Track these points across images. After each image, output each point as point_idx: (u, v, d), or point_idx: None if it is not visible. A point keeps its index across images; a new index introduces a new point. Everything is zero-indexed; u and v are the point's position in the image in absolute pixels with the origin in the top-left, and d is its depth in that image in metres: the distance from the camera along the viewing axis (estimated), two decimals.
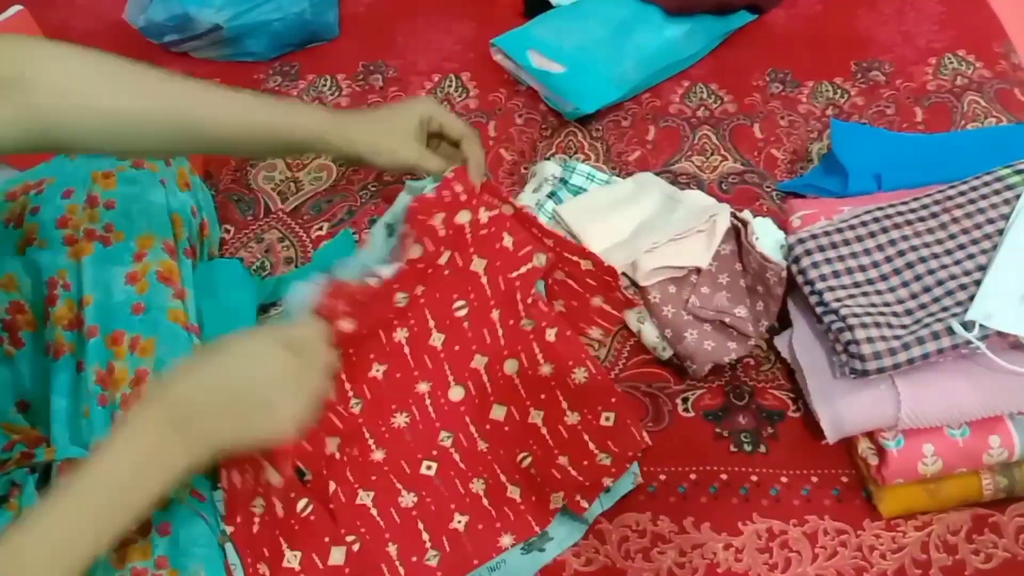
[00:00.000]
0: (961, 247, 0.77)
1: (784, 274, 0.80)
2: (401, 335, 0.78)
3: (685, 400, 0.84)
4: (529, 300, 0.77)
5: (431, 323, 0.78)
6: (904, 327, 0.72)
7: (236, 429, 0.59)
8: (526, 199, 0.96)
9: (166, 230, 0.84)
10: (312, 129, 0.73)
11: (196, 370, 0.59)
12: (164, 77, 0.69)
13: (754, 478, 0.79)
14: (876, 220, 0.80)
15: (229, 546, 0.69)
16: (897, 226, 0.80)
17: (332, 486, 0.72)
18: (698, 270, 0.85)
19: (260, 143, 0.73)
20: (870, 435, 0.74)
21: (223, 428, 0.58)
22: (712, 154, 1.08)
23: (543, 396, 0.75)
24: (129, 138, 0.67)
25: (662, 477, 0.79)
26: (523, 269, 0.78)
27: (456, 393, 0.77)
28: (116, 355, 0.72)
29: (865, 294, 0.76)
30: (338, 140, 0.73)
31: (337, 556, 0.69)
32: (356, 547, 0.70)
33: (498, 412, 0.76)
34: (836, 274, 0.77)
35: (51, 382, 0.72)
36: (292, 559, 0.68)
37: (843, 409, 0.74)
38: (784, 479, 0.79)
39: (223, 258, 0.98)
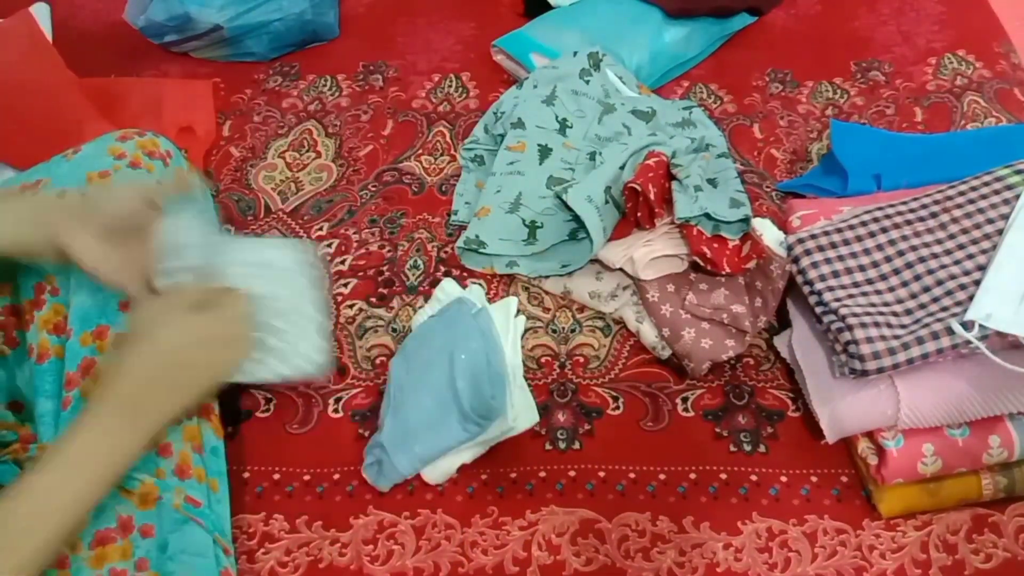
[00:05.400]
0: (960, 247, 0.77)
1: (788, 267, 0.80)
2: None
3: (685, 400, 0.84)
4: None
5: None
6: (903, 327, 0.72)
7: (179, 396, 0.66)
8: None
9: None
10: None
11: (128, 367, 0.63)
12: None
13: (754, 478, 0.79)
14: (876, 220, 0.80)
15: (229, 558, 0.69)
16: (897, 226, 0.80)
17: None
18: (696, 267, 0.85)
19: None
20: (870, 435, 0.74)
21: (168, 402, 0.65)
22: None
23: None
24: None
25: (662, 477, 0.80)
26: None
27: None
28: (98, 349, 0.71)
29: (865, 294, 0.76)
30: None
31: None
32: None
33: None
34: (836, 274, 0.77)
35: (36, 385, 0.72)
36: None
37: (842, 409, 0.74)
38: (784, 479, 0.79)
39: None
